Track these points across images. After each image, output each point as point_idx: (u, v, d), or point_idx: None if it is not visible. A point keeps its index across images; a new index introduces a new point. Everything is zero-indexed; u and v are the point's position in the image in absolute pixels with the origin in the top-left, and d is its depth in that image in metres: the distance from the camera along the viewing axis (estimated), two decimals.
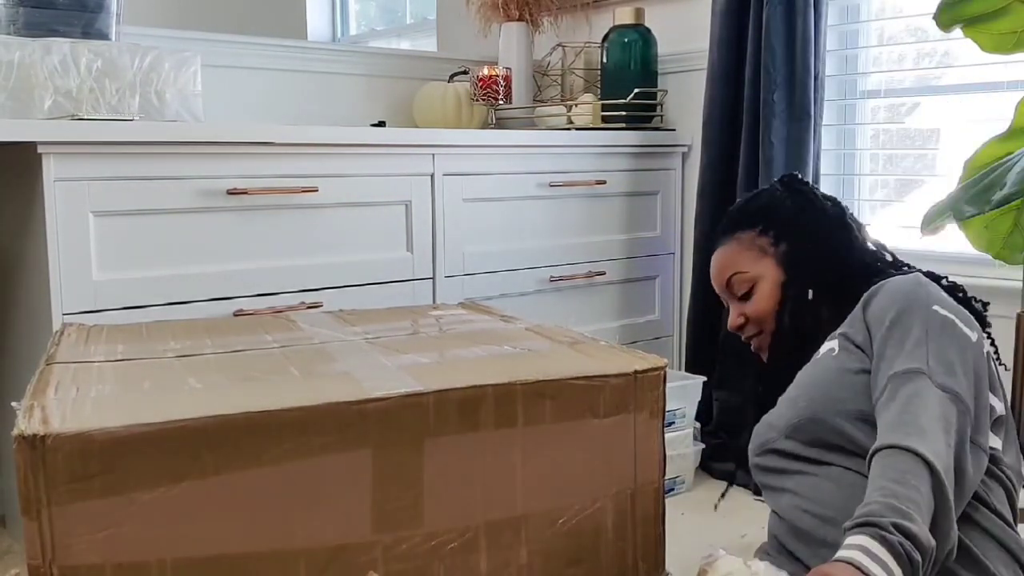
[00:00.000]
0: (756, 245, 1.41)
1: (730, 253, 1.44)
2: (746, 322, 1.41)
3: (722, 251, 1.46)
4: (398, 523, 0.94)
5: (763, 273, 1.39)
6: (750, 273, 1.40)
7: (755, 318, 1.40)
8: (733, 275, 1.41)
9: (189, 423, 0.85)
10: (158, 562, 0.85)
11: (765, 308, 1.39)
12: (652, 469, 1.06)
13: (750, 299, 1.40)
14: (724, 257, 1.45)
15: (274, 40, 2.54)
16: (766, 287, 1.39)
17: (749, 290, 1.40)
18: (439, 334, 1.28)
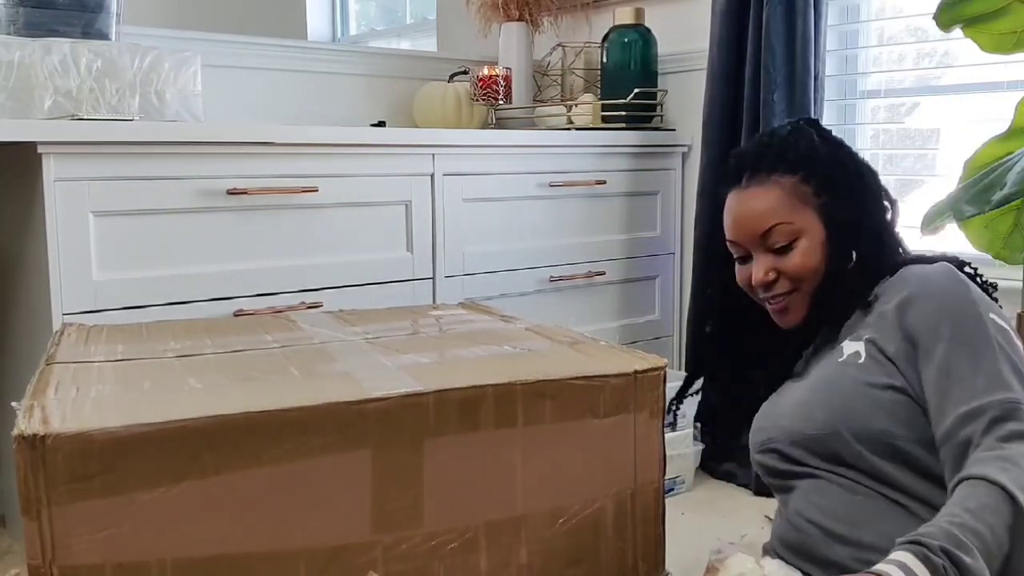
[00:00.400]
0: (798, 193, 1.24)
1: (771, 198, 1.24)
2: (777, 278, 1.25)
3: (758, 194, 1.25)
4: (398, 523, 0.94)
5: (807, 227, 1.23)
6: (795, 224, 1.23)
7: (794, 275, 1.23)
8: (776, 224, 1.23)
9: (189, 423, 0.85)
10: (158, 562, 0.85)
11: (808, 265, 1.23)
12: (652, 469, 1.06)
13: (789, 253, 1.23)
14: (763, 202, 1.25)
15: (274, 40, 2.54)
16: (809, 242, 1.23)
17: (790, 243, 1.23)
18: (439, 334, 1.28)
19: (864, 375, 1.12)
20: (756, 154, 1.29)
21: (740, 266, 1.30)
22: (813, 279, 1.23)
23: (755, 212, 1.25)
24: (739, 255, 1.30)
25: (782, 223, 1.23)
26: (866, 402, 1.11)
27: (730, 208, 1.29)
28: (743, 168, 1.28)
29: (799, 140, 1.28)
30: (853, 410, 1.11)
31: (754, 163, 1.27)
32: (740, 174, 1.28)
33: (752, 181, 1.26)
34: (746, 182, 1.27)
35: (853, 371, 1.13)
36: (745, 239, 1.27)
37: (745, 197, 1.27)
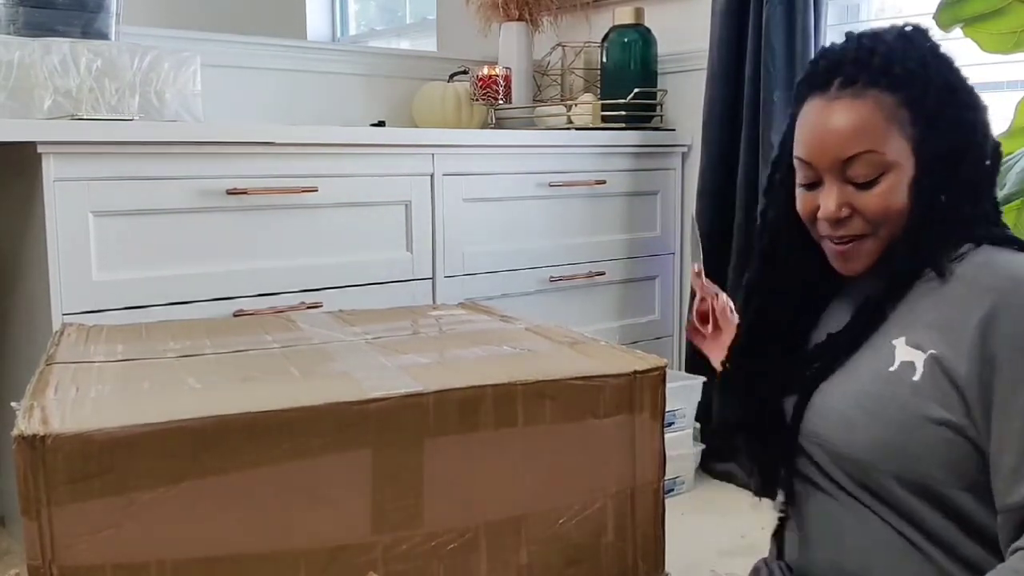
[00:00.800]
0: (896, 118, 1.00)
1: (864, 118, 1.00)
2: (850, 215, 1.02)
3: (849, 110, 1.01)
4: (398, 523, 0.94)
5: (898, 161, 1.00)
6: (886, 156, 0.99)
7: (872, 216, 1.01)
8: (864, 152, 0.99)
9: (189, 423, 0.85)
10: (158, 562, 0.85)
11: (891, 207, 1.00)
12: (652, 469, 1.06)
13: (870, 189, 1.00)
14: (854, 120, 1.00)
15: (274, 40, 2.54)
16: (896, 180, 1.00)
17: (875, 178, 1.00)
18: (439, 334, 1.28)
19: (918, 403, 0.95)
20: (856, 60, 1.02)
21: (805, 192, 1.07)
22: (891, 225, 1.01)
23: (842, 131, 1.00)
24: (807, 179, 1.06)
25: (871, 151, 0.99)
26: (915, 440, 0.95)
27: (810, 120, 1.04)
28: (835, 71, 1.03)
29: (908, 52, 1.03)
30: (898, 447, 0.96)
31: (852, 69, 1.02)
32: (830, 78, 1.03)
33: (844, 91, 1.01)
34: (837, 90, 1.02)
35: (906, 393, 0.96)
36: (822, 161, 1.02)
37: (832, 110, 1.01)
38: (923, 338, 0.97)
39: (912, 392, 0.96)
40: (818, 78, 1.04)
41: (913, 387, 0.96)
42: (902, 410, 0.96)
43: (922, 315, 0.99)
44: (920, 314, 1.00)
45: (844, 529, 1.02)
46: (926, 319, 0.98)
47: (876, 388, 0.99)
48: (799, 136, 1.06)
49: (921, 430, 0.94)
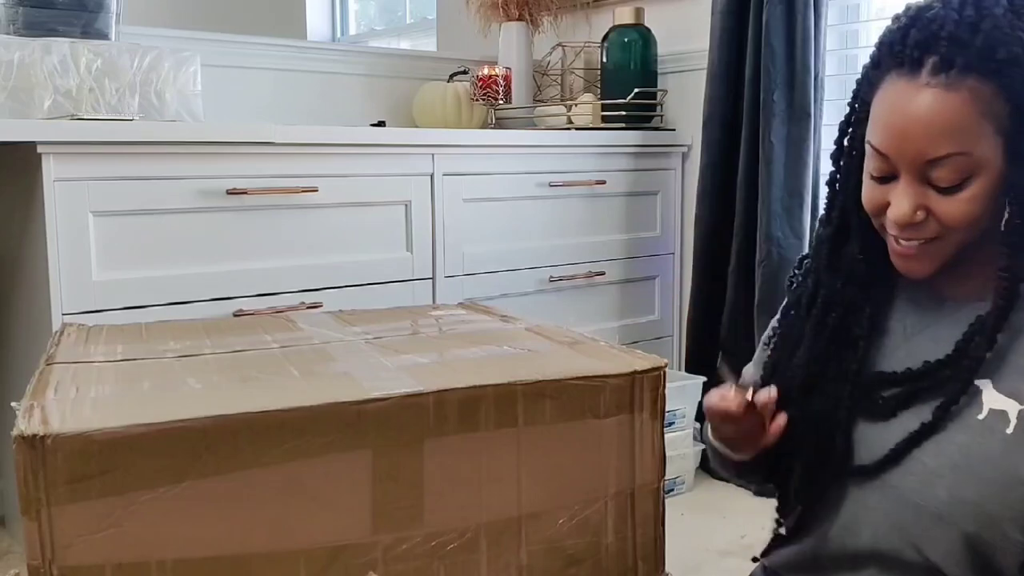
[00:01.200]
0: (992, 113, 0.85)
1: (957, 113, 0.85)
2: (925, 219, 0.89)
3: (942, 102, 0.85)
4: (398, 523, 0.94)
5: (990, 160, 0.87)
6: (975, 157, 0.86)
7: (952, 223, 0.88)
8: (953, 154, 0.86)
9: (189, 423, 0.85)
10: (158, 562, 0.85)
11: (977, 213, 0.88)
12: (652, 469, 1.06)
13: (953, 194, 0.88)
14: (946, 115, 0.85)
15: (274, 40, 2.54)
16: (983, 186, 0.87)
17: (962, 181, 0.87)
18: (439, 334, 1.27)
19: (1010, 462, 0.86)
20: (955, 36, 0.86)
21: (875, 184, 0.93)
22: (968, 232, 0.90)
23: (930, 129, 0.86)
24: (880, 171, 0.92)
25: (962, 153, 0.86)
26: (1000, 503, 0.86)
27: (895, 107, 0.88)
28: (929, 49, 0.86)
29: (1017, 29, 0.86)
30: (982, 510, 0.86)
31: (949, 49, 0.86)
32: (922, 57, 0.87)
33: (938, 77, 0.86)
34: (928, 75, 0.86)
35: (996, 451, 0.86)
36: (902, 158, 0.89)
37: (920, 100, 0.86)
38: (1013, 385, 0.88)
39: (1006, 448, 0.86)
40: (907, 54, 0.87)
41: (1007, 442, 0.86)
42: (996, 468, 0.86)
43: (1007, 353, 0.90)
44: (1004, 351, 0.90)
45: None
46: (1014, 360, 0.89)
47: (963, 438, 0.89)
48: (877, 121, 0.91)
49: (1012, 492, 0.86)
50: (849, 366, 0.99)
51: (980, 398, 0.89)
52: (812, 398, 1.00)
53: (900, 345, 0.99)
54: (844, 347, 1.00)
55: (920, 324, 0.99)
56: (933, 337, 0.96)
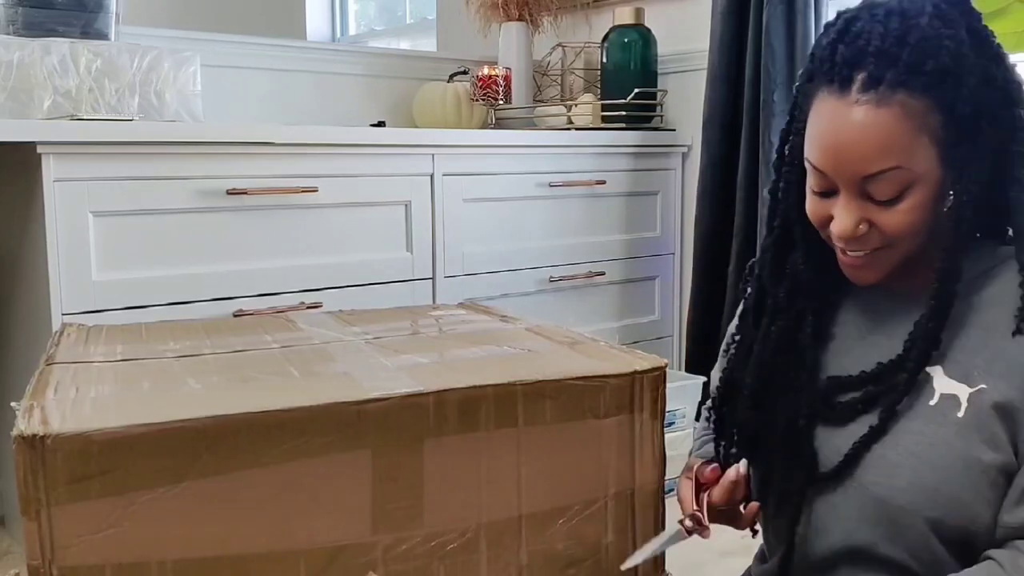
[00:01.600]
0: (926, 126, 0.86)
1: (890, 128, 0.86)
2: (868, 232, 0.91)
3: (873, 118, 0.86)
4: (398, 523, 0.94)
5: (927, 171, 0.88)
6: (913, 170, 0.87)
7: (894, 234, 0.90)
8: (889, 169, 0.87)
9: (189, 423, 0.85)
10: (158, 562, 0.85)
11: (918, 222, 0.90)
12: (652, 469, 1.06)
13: (893, 206, 0.89)
14: (878, 132, 0.86)
15: (274, 40, 2.54)
16: (922, 196, 0.89)
17: (900, 193, 0.88)
18: (439, 334, 1.27)
19: (964, 444, 0.88)
20: (882, 52, 0.86)
21: (818, 199, 0.94)
22: (912, 241, 0.91)
23: (865, 146, 0.87)
24: (820, 187, 0.93)
25: (897, 168, 0.87)
26: (959, 486, 0.88)
27: (828, 125, 0.89)
28: (857, 66, 0.87)
29: (943, 39, 0.86)
30: (942, 495, 0.88)
31: (877, 66, 0.86)
32: (851, 74, 0.87)
33: (867, 94, 0.86)
34: (858, 92, 0.87)
35: (949, 435, 0.89)
36: (839, 175, 0.90)
37: (852, 117, 0.87)
38: (964, 370, 0.90)
39: (957, 433, 0.88)
40: (837, 71, 0.88)
41: (958, 427, 0.88)
42: (949, 451, 0.88)
43: (958, 341, 0.92)
44: (956, 340, 0.92)
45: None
46: (964, 346, 0.92)
47: (917, 425, 0.91)
48: (812, 140, 0.92)
49: (969, 476, 0.87)
50: (798, 375, 1.00)
51: (932, 385, 0.91)
52: (768, 408, 1.02)
53: (852, 348, 1.01)
54: (791, 356, 1.02)
55: (870, 325, 1.01)
56: (885, 336, 0.98)
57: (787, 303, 1.02)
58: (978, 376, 0.89)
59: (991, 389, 0.88)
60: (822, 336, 1.03)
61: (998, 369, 0.88)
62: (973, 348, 0.91)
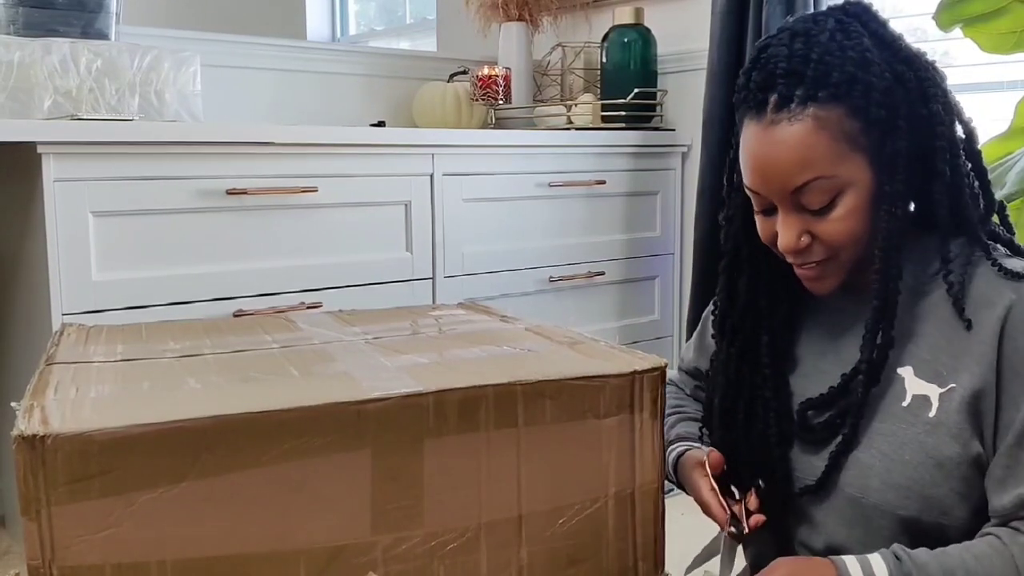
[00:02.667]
0: (844, 133, 0.91)
1: (807, 143, 0.90)
2: (811, 243, 0.95)
3: (789, 136, 0.91)
4: (398, 523, 0.94)
5: (853, 178, 0.92)
6: (839, 178, 0.91)
7: (833, 242, 0.94)
8: (813, 180, 0.91)
9: (189, 423, 0.85)
10: (158, 562, 0.85)
11: (852, 231, 0.93)
12: (652, 469, 1.06)
13: (827, 214, 0.93)
14: (796, 148, 0.91)
15: (274, 40, 2.54)
16: (855, 200, 0.92)
17: (831, 201, 0.93)
18: (438, 334, 1.27)
19: (934, 442, 0.90)
20: (789, 71, 0.92)
21: (763, 218, 0.99)
22: (855, 247, 0.95)
23: (785, 161, 0.91)
24: (760, 207, 0.98)
25: (821, 177, 0.91)
26: (931, 483, 0.90)
27: (751, 148, 0.95)
28: (769, 88, 0.92)
29: (847, 50, 0.91)
30: (914, 492, 0.91)
31: (785, 85, 0.91)
32: (765, 96, 0.93)
33: (781, 113, 0.91)
34: (772, 113, 0.92)
35: (920, 435, 0.91)
36: (771, 192, 0.95)
37: (772, 137, 0.92)
38: (933, 369, 0.92)
39: (928, 433, 0.91)
40: (751, 97, 0.94)
41: (928, 427, 0.91)
42: (920, 452, 0.91)
43: (924, 340, 0.95)
44: (922, 338, 0.95)
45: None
46: (931, 344, 0.94)
47: (888, 427, 0.93)
48: (743, 164, 0.97)
49: (940, 470, 0.90)
50: (763, 394, 1.03)
51: (904, 386, 0.94)
52: (740, 428, 1.06)
53: (817, 363, 1.04)
54: (754, 375, 1.05)
55: (831, 336, 1.04)
56: (846, 345, 1.01)
57: (741, 324, 1.06)
58: (947, 375, 0.91)
59: (959, 387, 0.90)
60: (783, 354, 1.06)
61: (964, 364, 0.90)
62: (938, 345, 0.93)
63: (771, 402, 1.03)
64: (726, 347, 1.08)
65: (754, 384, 1.05)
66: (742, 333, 1.06)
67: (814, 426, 1.00)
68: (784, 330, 1.06)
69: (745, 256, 1.05)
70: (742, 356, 1.06)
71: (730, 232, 1.06)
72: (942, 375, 0.92)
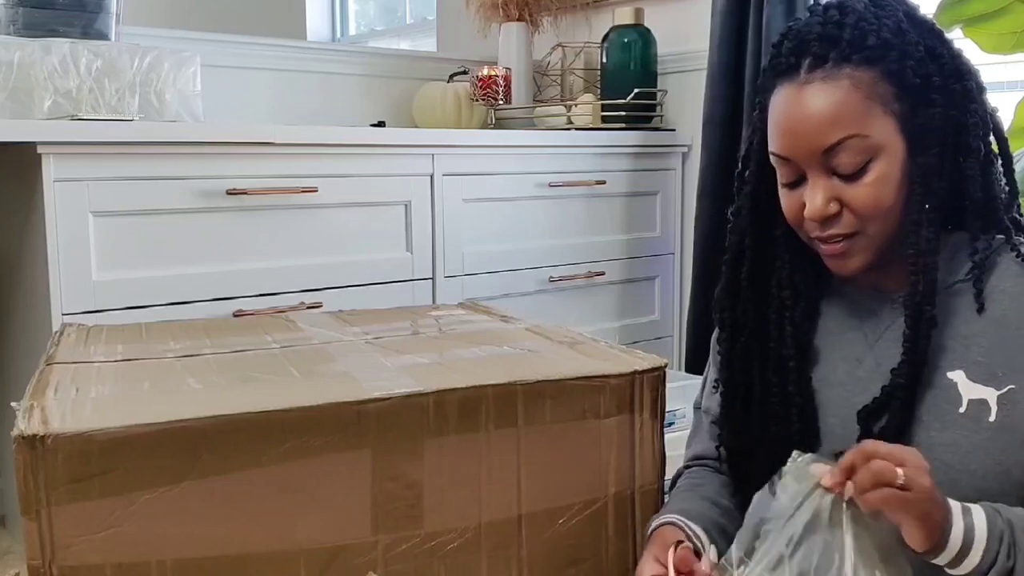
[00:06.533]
0: (877, 95, 0.89)
1: (842, 100, 0.89)
2: (840, 211, 0.92)
3: (824, 94, 0.90)
4: (398, 523, 0.94)
5: (888, 142, 0.90)
6: (873, 139, 0.89)
7: (864, 210, 0.90)
8: (847, 138, 0.89)
9: (189, 423, 0.85)
10: (158, 562, 0.85)
11: (887, 197, 0.90)
12: (652, 469, 1.06)
13: (859, 179, 0.90)
14: (831, 105, 0.89)
15: (274, 40, 2.54)
16: (888, 166, 0.90)
17: (863, 165, 0.89)
18: (439, 334, 1.27)
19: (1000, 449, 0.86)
20: (823, 35, 0.91)
21: (788, 192, 0.95)
22: (884, 220, 0.91)
23: (819, 118, 0.89)
24: (788, 177, 0.95)
25: (855, 135, 0.89)
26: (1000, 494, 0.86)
27: (782, 109, 0.93)
28: (803, 52, 0.92)
29: (882, 19, 0.91)
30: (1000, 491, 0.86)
31: (820, 47, 0.91)
32: (798, 60, 0.92)
33: (815, 73, 0.90)
34: (806, 73, 0.91)
35: (984, 441, 0.87)
36: (800, 154, 0.91)
37: (805, 96, 0.90)
38: (988, 371, 0.88)
39: (990, 436, 0.87)
40: (784, 62, 0.93)
41: (990, 429, 0.87)
42: (983, 458, 0.87)
43: (971, 339, 0.91)
44: (967, 338, 0.91)
45: None
46: (981, 345, 0.90)
47: (949, 436, 0.88)
48: (772, 130, 0.95)
49: (1008, 477, 0.86)
50: (785, 390, 0.99)
51: (957, 391, 0.89)
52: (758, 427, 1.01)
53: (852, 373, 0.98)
54: (766, 371, 1.01)
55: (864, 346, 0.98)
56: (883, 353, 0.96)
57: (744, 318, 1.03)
58: (1004, 376, 0.87)
59: (1020, 388, 0.86)
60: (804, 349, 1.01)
61: (1020, 363, 0.87)
62: (991, 345, 0.89)
63: (794, 398, 0.98)
64: (727, 342, 1.05)
65: (767, 381, 1.00)
66: (743, 330, 1.03)
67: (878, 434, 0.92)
68: (804, 324, 1.01)
69: (749, 246, 1.02)
70: (748, 351, 1.02)
71: (737, 226, 1.04)
72: (998, 376, 0.88)
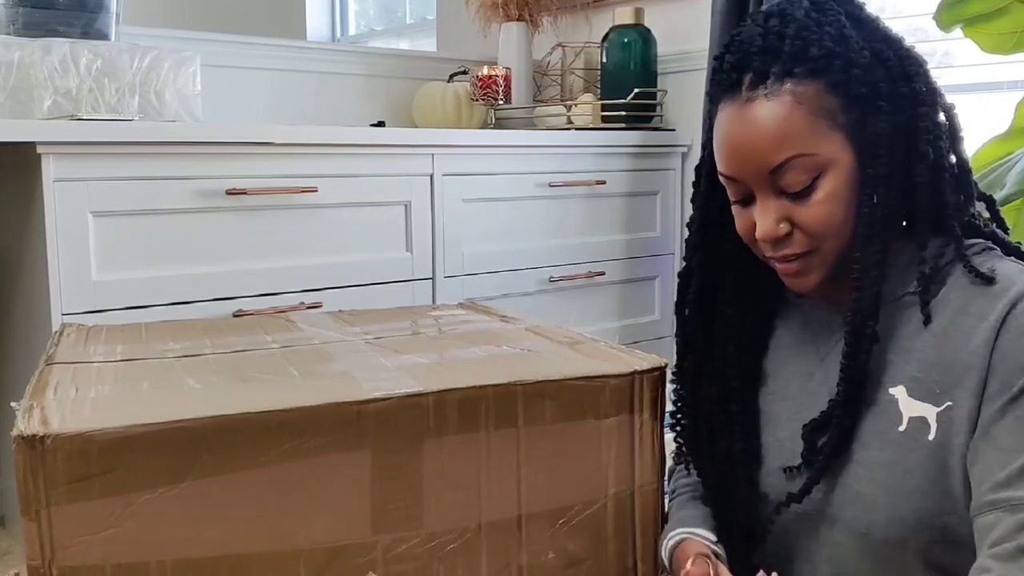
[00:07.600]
0: (824, 110, 0.86)
1: (785, 118, 0.86)
2: (791, 232, 0.89)
3: (767, 112, 0.86)
4: (398, 523, 0.94)
5: (836, 157, 0.86)
6: (819, 155, 0.86)
7: (815, 229, 0.88)
8: (793, 157, 0.86)
9: (189, 423, 0.85)
10: (158, 562, 0.85)
11: (838, 214, 0.87)
12: (652, 469, 1.06)
13: (808, 197, 0.87)
14: (774, 123, 0.86)
15: (274, 40, 2.54)
16: (836, 181, 0.86)
17: (811, 183, 0.86)
18: (439, 334, 1.27)
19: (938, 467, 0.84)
20: (764, 48, 0.88)
21: (740, 209, 0.93)
22: (838, 237, 0.88)
23: (763, 138, 0.86)
24: (737, 196, 0.92)
25: (800, 155, 0.85)
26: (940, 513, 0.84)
27: (725, 129, 0.91)
28: (744, 67, 0.89)
29: (824, 26, 0.87)
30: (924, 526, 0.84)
31: (760, 62, 0.87)
32: (740, 76, 0.89)
33: (756, 91, 0.87)
34: (747, 91, 0.88)
35: (923, 461, 0.85)
36: (747, 175, 0.89)
37: (748, 114, 0.88)
38: (926, 387, 0.85)
39: (930, 456, 0.84)
40: (726, 78, 0.90)
41: (930, 450, 0.84)
42: (923, 478, 0.84)
43: (912, 354, 0.88)
44: (909, 353, 0.88)
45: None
46: (920, 360, 0.87)
47: (888, 456, 0.86)
48: (717, 150, 0.93)
49: (948, 497, 0.83)
50: (728, 408, 1.00)
51: (898, 408, 0.87)
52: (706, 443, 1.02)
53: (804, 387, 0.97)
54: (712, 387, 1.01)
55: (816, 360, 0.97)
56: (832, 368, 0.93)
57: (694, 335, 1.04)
58: (940, 392, 0.84)
59: (956, 405, 0.83)
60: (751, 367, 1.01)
61: (954, 379, 0.83)
62: (929, 360, 0.86)
63: (737, 416, 0.98)
64: (679, 359, 1.05)
65: (711, 398, 1.01)
66: (693, 349, 1.03)
67: (820, 449, 0.91)
68: (752, 342, 1.01)
69: (697, 264, 1.02)
70: (698, 370, 1.02)
71: (689, 240, 1.03)
72: (935, 393, 0.85)
